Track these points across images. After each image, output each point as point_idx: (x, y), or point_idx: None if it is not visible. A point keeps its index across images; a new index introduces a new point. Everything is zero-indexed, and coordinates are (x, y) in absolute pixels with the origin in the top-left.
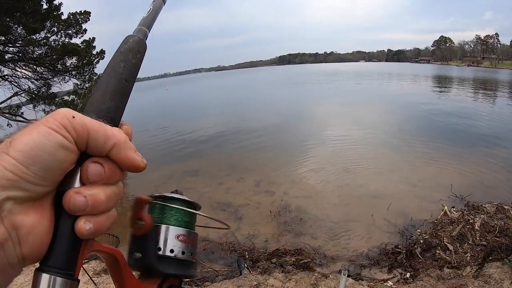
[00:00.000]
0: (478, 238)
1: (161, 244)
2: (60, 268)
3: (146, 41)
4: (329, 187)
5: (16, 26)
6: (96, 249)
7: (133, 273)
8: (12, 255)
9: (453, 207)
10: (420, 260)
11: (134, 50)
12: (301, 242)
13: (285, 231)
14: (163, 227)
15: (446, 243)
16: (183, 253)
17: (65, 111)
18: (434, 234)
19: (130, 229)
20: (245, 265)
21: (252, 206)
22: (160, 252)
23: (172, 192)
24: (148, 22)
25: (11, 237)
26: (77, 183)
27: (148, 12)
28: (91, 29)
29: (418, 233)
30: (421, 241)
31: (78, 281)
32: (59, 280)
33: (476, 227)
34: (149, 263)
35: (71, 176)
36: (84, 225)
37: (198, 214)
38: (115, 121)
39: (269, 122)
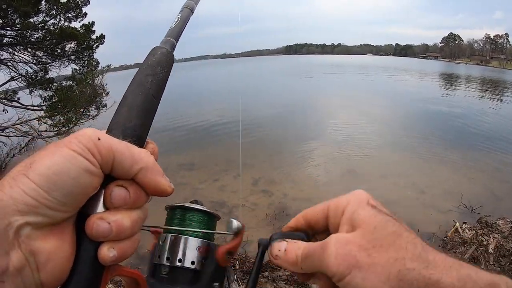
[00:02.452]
0: (491, 263)
1: (180, 256)
2: None
3: (174, 53)
4: (331, 190)
5: (9, 9)
6: (118, 273)
7: None
8: (30, 282)
9: (465, 223)
10: None
11: (162, 64)
12: None
13: None
14: (183, 238)
15: None
16: (202, 265)
17: (91, 133)
18: None
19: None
20: (235, 277)
21: (247, 208)
22: (180, 264)
23: (191, 202)
24: (176, 32)
25: (29, 263)
26: (100, 207)
27: (176, 22)
28: (94, 13)
29: None
30: None
31: None
32: None
33: (490, 249)
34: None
35: (95, 199)
36: (107, 252)
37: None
38: (141, 140)
39: (272, 114)
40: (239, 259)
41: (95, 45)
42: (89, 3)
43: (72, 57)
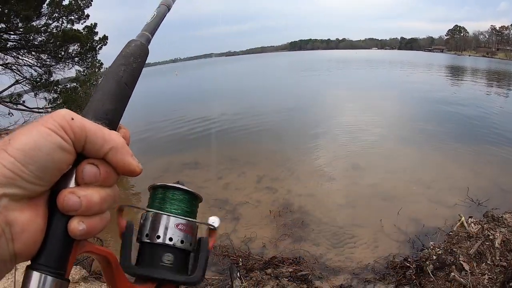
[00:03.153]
0: (497, 258)
1: (160, 232)
2: (51, 267)
3: (149, 46)
4: (335, 186)
5: (12, 13)
6: (88, 250)
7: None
8: (4, 252)
9: (471, 216)
10: (432, 279)
11: (135, 55)
12: (301, 249)
13: (285, 235)
14: (163, 216)
15: (461, 261)
16: (182, 242)
17: (65, 113)
18: (449, 250)
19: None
20: (238, 274)
21: (251, 205)
22: (160, 240)
23: (174, 183)
24: (152, 27)
25: (4, 233)
26: (72, 184)
27: (152, 17)
28: (99, 16)
29: (431, 247)
30: (434, 257)
31: (69, 281)
32: (49, 279)
33: (496, 244)
34: (124, 264)
35: (67, 176)
36: (77, 225)
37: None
38: (113, 124)
39: (276, 111)
40: (242, 256)
41: (98, 46)
42: (91, 5)
43: (76, 59)
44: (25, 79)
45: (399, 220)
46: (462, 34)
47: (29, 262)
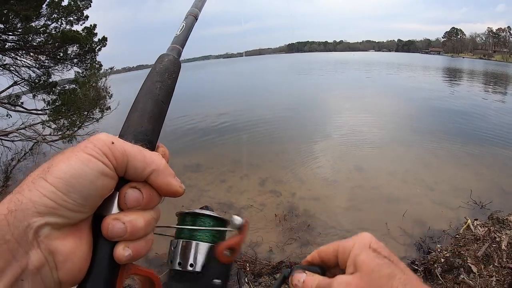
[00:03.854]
0: (504, 260)
1: (192, 260)
2: None
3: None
4: (339, 189)
5: (11, 13)
6: (133, 272)
7: None
8: (49, 280)
9: (476, 219)
10: (440, 282)
11: (169, 70)
12: (308, 253)
13: (291, 239)
14: (193, 243)
15: (470, 264)
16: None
17: (105, 137)
18: (457, 253)
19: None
20: (246, 279)
21: (256, 208)
22: (191, 269)
23: (201, 208)
24: (181, 39)
25: (48, 262)
26: (115, 209)
27: (181, 29)
28: (97, 16)
29: (438, 250)
30: (442, 259)
31: None
32: None
33: (503, 246)
34: None
35: (110, 200)
36: (123, 252)
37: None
38: (152, 144)
39: (277, 113)
40: (249, 261)
41: (97, 48)
42: (90, 6)
43: (75, 60)
44: (23, 80)
45: (405, 222)
46: (459, 36)
47: None
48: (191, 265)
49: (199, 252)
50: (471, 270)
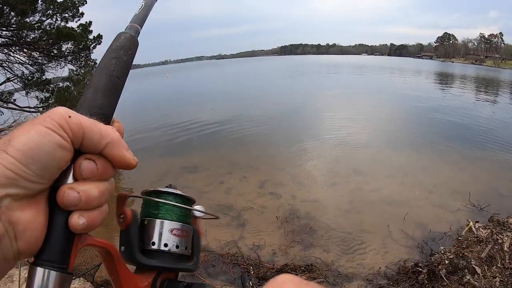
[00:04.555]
0: (507, 261)
1: (155, 238)
2: (54, 262)
3: (138, 38)
4: (339, 191)
5: (6, 8)
6: (89, 243)
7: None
8: (8, 250)
9: (477, 221)
10: (445, 284)
11: (125, 47)
12: (311, 255)
13: (294, 242)
14: (158, 221)
15: (474, 265)
16: (177, 247)
17: (62, 111)
18: (460, 254)
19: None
20: (250, 283)
21: (256, 211)
22: (154, 246)
23: (166, 187)
24: (140, 18)
25: (7, 233)
26: (70, 179)
27: (140, 8)
28: (94, 15)
29: (442, 252)
30: (446, 261)
31: (72, 274)
32: (53, 273)
33: (505, 248)
34: (132, 256)
35: (65, 173)
36: (77, 220)
37: (186, 207)
38: (107, 118)
39: (274, 115)
40: (252, 264)
41: (92, 45)
42: (86, 3)
43: (69, 57)
44: (16, 77)
45: (406, 225)
46: (451, 41)
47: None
48: (153, 243)
49: (163, 230)
50: (475, 271)
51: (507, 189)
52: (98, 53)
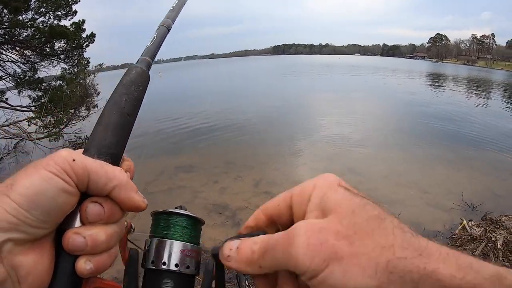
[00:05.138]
0: (500, 258)
1: (165, 259)
2: None
3: (150, 72)
4: None
5: None
6: (97, 286)
7: None
8: None
9: (471, 220)
10: None
11: (136, 83)
12: None
13: None
14: (168, 241)
15: None
16: (187, 267)
17: (66, 154)
18: None
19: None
20: (246, 282)
21: (251, 210)
22: (165, 267)
23: (176, 208)
24: (152, 51)
25: (10, 277)
26: (77, 223)
27: (152, 40)
28: (86, 12)
29: None
30: None
31: None
32: None
33: (499, 245)
34: None
35: (72, 216)
36: (84, 265)
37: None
38: (116, 158)
39: (267, 114)
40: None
41: (85, 44)
42: (79, 1)
43: (62, 56)
44: (8, 75)
45: None
46: (443, 42)
47: None
48: (164, 263)
49: (173, 250)
50: None
51: (500, 188)
52: (90, 52)
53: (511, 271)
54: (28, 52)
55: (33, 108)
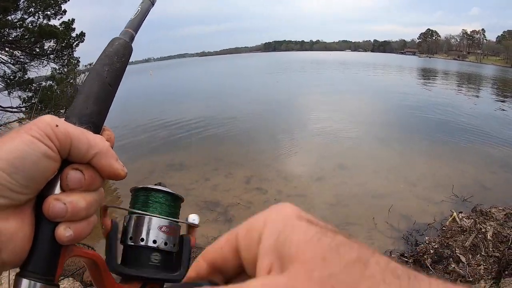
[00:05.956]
0: (491, 249)
1: (144, 235)
2: (39, 274)
3: (133, 44)
4: (325, 186)
5: None
6: (76, 254)
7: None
8: None
9: (461, 212)
10: (431, 272)
11: (119, 54)
12: None
13: None
14: (146, 218)
15: (458, 254)
16: (165, 244)
17: (49, 119)
18: (445, 244)
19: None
20: None
21: (243, 206)
22: (143, 243)
23: (155, 185)
24: (135, 24)
25: None
26: (57, 190)
27: (136, 13)
28: (75, 12)
29: (427, 242)
30: (431, 251)
31: (58, 286)
32: (38, 285)
33: (489, 236)
34: (112, 266)
35: (52, 183)
36: (64, 232)
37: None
38: (97, 127)
39: (257, 111)
40: None
41: (75, 43)
42: (68, 0)
43: (52, 56)
44: None
45: (391, 217)
46: (434, 38)
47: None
48: (142, 240)
49: (152, 227)
50: (460, 260)
51: (489, 181)
52: (80, 51)
53: None
54: (18, 52)
55: (23, 109)
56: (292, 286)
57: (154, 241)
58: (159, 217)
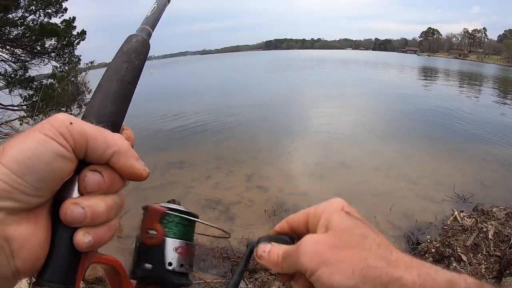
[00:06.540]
0: (492, 248)
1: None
2: (58, 283)
3: (150, 41)
4: (326, 184)
5: None
6: (96, 260)
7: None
8: (5, 268)
9: (462, 211)
10: None
11: (137, 51)
12: None
13: None
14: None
15: (459, 253)
16: (181, 265)
17: (63, 117)
18: (446, 243)
19: (139, 238)
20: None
21: (244, 204)
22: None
23: (168, 202)
24: (152, 21)
25: (3, 250)
26: (75, 193)
27: (152, 10)
28: (76, 10)
29: (428, 241)
30: (433, 249)
31: None
32: None
33: (490, 236)
34: (158, 275)
35: (69, 184)
36: (83, 238)
37: (199, 221)
38: (116, 126)
39: (260, 110)
40: (242, 257)
41: (76, 41)
42: None
43: (53, 54)
44: None
45: (392, 216)
46: (435, 36)
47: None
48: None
49: (167, 249)
50: (461, 259)
51: (490, 180)
52: (81, 49)
53: (463, 277)
54: (19, 50)
55: (24, 107)
56: (323, 240)
57: (170, 264)
58: (173, 239)
